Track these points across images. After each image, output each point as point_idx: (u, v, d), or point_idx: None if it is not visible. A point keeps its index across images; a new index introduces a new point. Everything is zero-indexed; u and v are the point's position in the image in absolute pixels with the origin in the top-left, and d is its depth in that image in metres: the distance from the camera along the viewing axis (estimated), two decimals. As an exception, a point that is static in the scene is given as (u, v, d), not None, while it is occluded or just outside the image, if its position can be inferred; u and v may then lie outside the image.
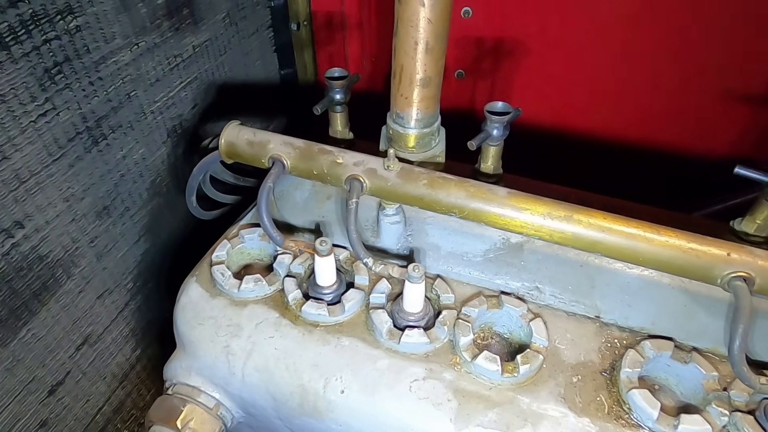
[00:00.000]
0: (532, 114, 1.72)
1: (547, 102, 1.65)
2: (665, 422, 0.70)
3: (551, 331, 0.83)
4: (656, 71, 1.43)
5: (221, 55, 1.39)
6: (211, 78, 1.38)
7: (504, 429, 0.72)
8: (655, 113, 1.51)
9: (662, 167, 1.54)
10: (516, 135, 1.69)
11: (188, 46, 1.23)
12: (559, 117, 1.65)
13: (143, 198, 1.18)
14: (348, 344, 0.81)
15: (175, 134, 1.23)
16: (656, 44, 1.34)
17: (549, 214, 0.77)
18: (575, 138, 1.67)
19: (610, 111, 1.58)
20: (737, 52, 1.27)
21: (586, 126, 1.63)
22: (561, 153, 1.67)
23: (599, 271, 0.86)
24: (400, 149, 0.90)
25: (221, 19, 1.35)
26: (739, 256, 0.71)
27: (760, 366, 0.78)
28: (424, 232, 0.92)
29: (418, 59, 0.79)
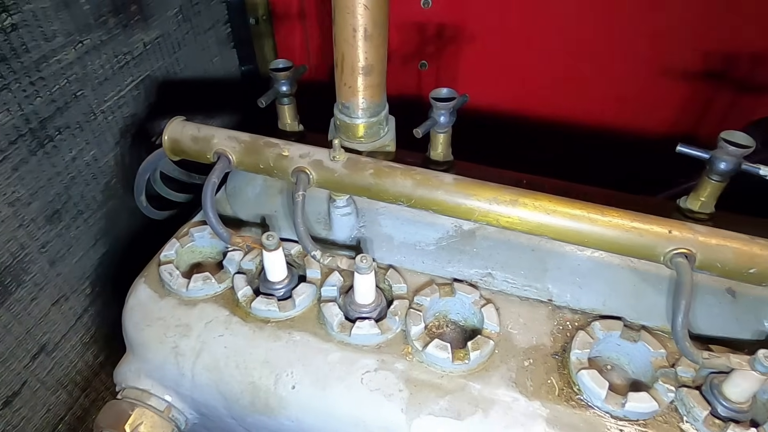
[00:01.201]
0: (495, 101, 1.73)
1: (509, 89, 1.65)
2: (613, 401, 0.71)
3: (504, 316, 0.83)
4: (604, 56, 1.45)
5: (175, 52, 1.36)
6: (166, 75, 1.35)
7: (455, 416, 0.72)
8: (612, 98, 1.53)
9: (620, 151, 1.57)
10: (480, 122, 1.72)
11: (138, 43, 1.20)
12: (520, 103, 1.66)
13: (98, 200, 1.15)
14: (299, 339, 0.80)
15: (129, 134, 1.20)
16: (599, 30, 1.36)
17: (495, 199, 0.76)
18: (538, 123, 1.68)
19: (567, 96, 1.59)
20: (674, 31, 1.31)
21: (547, 111, 1.64)
22: (524, 139, 1.68)
23: (550, 255, 0.86)
24: (349, 140, 0.89)
25: (173, 15, 1.32)
26: (680, 233, 0.71)
27: (707, 341, 0.79)
28: (376, 223, 0.91)
29: (358, 47, 0.77)
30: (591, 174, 1.19)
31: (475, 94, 1.71)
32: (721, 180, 0.78)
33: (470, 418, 0.72)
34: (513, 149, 1.74)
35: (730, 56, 1.38)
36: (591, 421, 0.71)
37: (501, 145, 1.76)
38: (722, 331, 0.79)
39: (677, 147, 0.78)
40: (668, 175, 1.16)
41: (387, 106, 0.89)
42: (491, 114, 1.77)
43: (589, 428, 0.70)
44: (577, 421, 0.71)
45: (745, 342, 0.79)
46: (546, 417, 0.71)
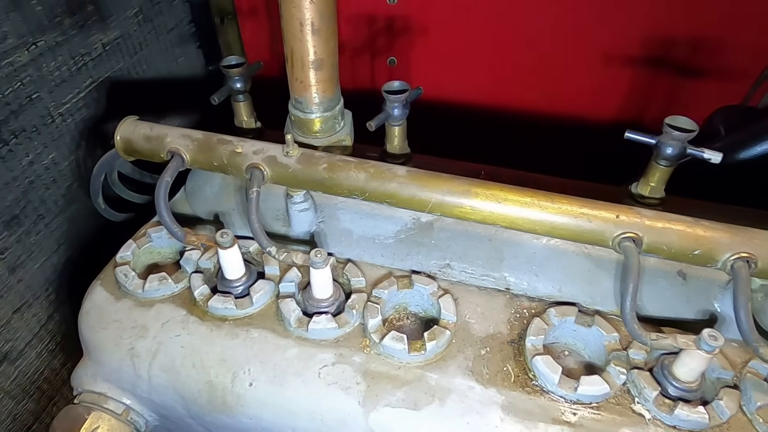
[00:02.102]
0: (465, 95, 1.74)
1: (478, 82, 1.66)
2: (566, 385, 0.71)
3: (462, 306, 0.84)
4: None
5: (137, 53, 1.34)
6: (128, 76, 1.34)
7: (411, 406, 0.72)
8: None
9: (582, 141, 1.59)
10: (452, 116, 1.73)
11: (97, 44, 1.19)
12: (489, 96, 1.67)
13: (59, 204, 1.13)
14: (257, 336, 0.80)
15: (91, 137, 1.18)
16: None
17: (448, 189, 0.77)
18: (506, 115, 1.69)
19: (537, 89, 1.61)
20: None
21: (516, 103, 1.66)
22: (496, 131, 1.69)
23: (507, 244, 0.86)
24: (304, 135, 0.89)
25: (132, 15, 1.30)
26: (627, 217, 0.72)
27: (660, 323, 0.80)
28: (335, 217, 0.91)
29: (306, 41, 0.77)
30: (573, 165, 1.20)
31: (446, 88, 1.75)
32: (668, 165, 0.80)
33: (427, 407, 0.72)
34: (487, 141, 1.77)
35: (671, 42, 1.42)
36: (545, 405, 0.72)
37: (476, 138, 1.79)
38: (674, 313, 0.80)
39: (625, 133, 0.80)
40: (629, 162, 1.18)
41: (342, 100, 0.89)
42: (462, 108, 1.78)
43: (543, 413, 0.71)
44: (532, 406, 0.72)
45: (696, 323, 0.80)
46: (501, 403, 0.72)
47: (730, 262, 0.69)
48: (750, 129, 1.42)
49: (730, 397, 0.70)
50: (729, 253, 0.69)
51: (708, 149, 0.76)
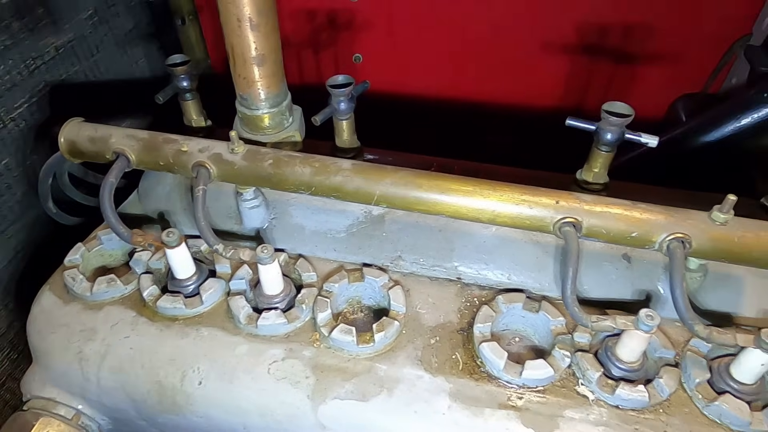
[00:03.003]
0: (430, 90, 1.75)
1: (442, 76, 1.68)
2: (512, 370, 0.72)
3: (414, 297, 0.84)
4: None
5: (93, 55, 1.33)
6: (85, 79, 1.32)
7: (360, 398, 0.73)
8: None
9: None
10: (415, 110, 1.75)
11: (49, 48, 1.17)
12: (452, 90, 1.69)
13: (15, 211, 1.11)
14: (207, 334, 0.79)
15: (46, 141, 1.16)
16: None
17: (392, 182, 0.77)
18: (471, 108, 1.71)
19: (505, 81, 1.63)
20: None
21: (479, 96, 1.67)
22: (453, 123, 1.71)
23: (457, 234, 0.87)
24: (252, 132, 0.89)
25: (86, 18, 1.29)
26: (566, 202, 0.73)
27: (605, 306, 0.81)
28: (287, 214, 0.91)
29: (245, 37, 0.77)
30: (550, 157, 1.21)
31: (412, 82, 1.76)
32: (609, 150, 0.81)
33: (375, 398, 0.72)
34: (452, 134, 1.78)
35: (605, 29, 1.48)
36: (492, 391, 0.73)
37: (441, 132, 1.80)
38: (620, 296, 0.82)
39: (566, 120, 0.81)
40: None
41: (289, 96, 0.89)
42: (430, 100, 1.79)
43: (489, 398, 0.72)
44: (479, 392, 0.73)
45: (641, 304, 0.81)
46: (449, 391, 0.73)
47: (666, 243, 0.70)
48: (708, 114, 1.45)
49: (669, 375, 0.71)
50: (665, 234, 0.70)
51: (645, 134, 0.77)
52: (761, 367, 0.68)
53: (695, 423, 0.69)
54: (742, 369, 0.69)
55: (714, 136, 1.41)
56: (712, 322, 0.80)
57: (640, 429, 0.69)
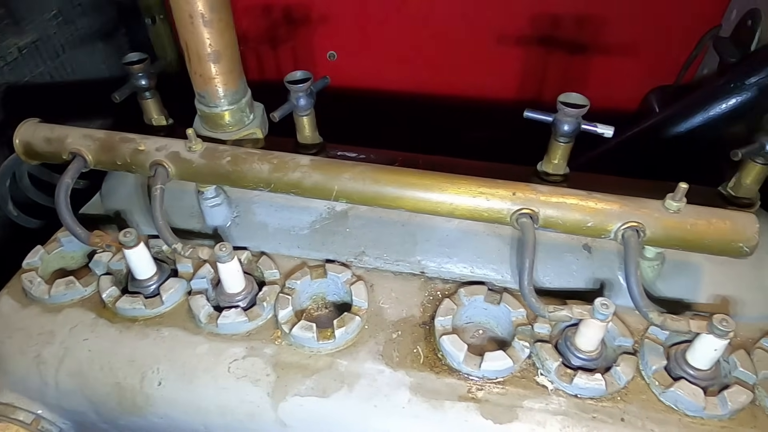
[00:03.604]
0: (405, 85, 1.75)
1: (414, 71, 1.68)
2: (472, 362, 0.72)
3: (377, 292, 0.84)
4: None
5: (59, 56, 1.31)
6: (50, 81, 1.30)
7: (320, 394, 0.72)
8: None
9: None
10: (394, 106, 1.75)
11: (12, 48, 1.15)
12: (425, 84, 1.69)
13: (-24, 217, 1.09)
14: (168, 334, 0.78)
15: (9, 143, 1.14)
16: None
17: (351, 177, 0.77)
18: (448, 102, 1.72)
19: (482, 75, 1.64)
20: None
21: (454, 91, 1.68)
22: (430, 118, 1.71)
23: (420, 228, 0.87)
24: (212, 130, 0.88)
25: (51, 18, 1.27)
26: (523, 194, 0.73)
27: (566, 296, 0.82)
28: (250, 211, 0.91)
29: (199, 33, 0.76)
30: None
31: (389, 78, 1.76)
32: (567, 141, 0.81)
33: (335, 394, 0.72)
34: (423, 130, 1.79)
35: (580, 21, 1.50)
36: (453, 384, 0.73)
37: (412, 125, 1.81)
38: (581, 286, 0.82)
39: (524, 113, 0.81)
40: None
41: (248, 92, 0.88)
42: (407, 96, 1.79)
43: (450, 391, 0.72)
44: (440, 385, 0.73)
45: (601, 294, 0.82)
46: (409, 385, 0.73)
47: (620, 232, 0.71)
48: (678, 106, 1.46)
49: (627, 363, 0.72)
50: (619, 223, 0.71)
51: (600, 124, 0.78)
52: (714, 352, 0.68)
53: (652, 409, 0.70)
54: (697, 355, 0.70)
55: (684, 126, 1.42)
56: (671, 309, 0.80)
57: (598, 417, 0.69)
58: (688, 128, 1.41)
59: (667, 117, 1.45)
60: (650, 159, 1.49)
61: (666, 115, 1.46)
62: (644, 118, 1.54)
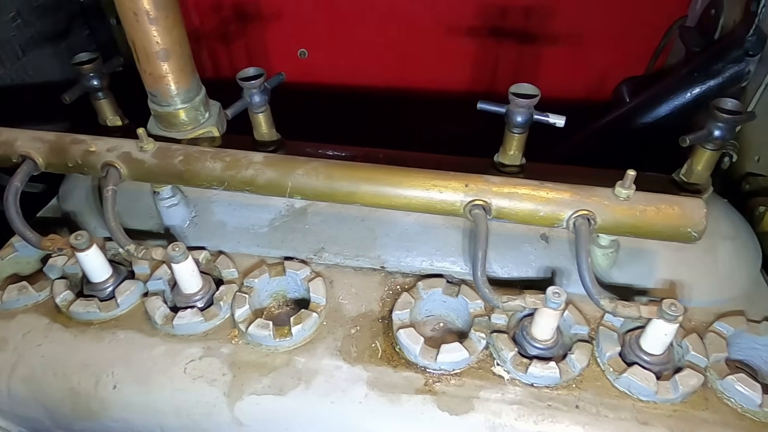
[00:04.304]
0: (379, 79, 1.75)
1: (387, 65, 1.68)
2: (428, 354, 0.72)
3: (337, 288, 0.84)
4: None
5: (19, 59, 1.28)
6: (11, 84, 1.28)
7: (277, 392, 0.72)
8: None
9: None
10: (362, 101, 1.74)
11: (-31, 52, 1.13)
12: (395, 79, 1.70)
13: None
14: (123, 337, 0.77)
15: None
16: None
17: (305, 173, 0.76)
18: (423, 97, 1.72)
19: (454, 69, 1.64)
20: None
21: (430, 85, 1.69)
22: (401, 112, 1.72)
23: (380, 223, 0.87)
24: (167, 129, 0.86)
25: (9, 20, 1.25)
26: (475, 185, 0.73)
27: (525, 286, 0.82)
28: (209, 211, 0.90)
29: (145, 31, 0.75)
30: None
31: (362, 74, 1.75)
32: (521, 132, 0.81)
33: (292, 391, 0.72)
34: (398, 125, 1.79)
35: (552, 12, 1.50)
36: (410, 377, 0.72)
37: (379, 119, 1.80)
38: (539, 275, 0.83)
39: (478, 104, 0.81)
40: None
41: (203, 90, 0.87)
42: (379, 90, 1.79)
43: (407, 384, 0.72)
44: (397, 379, 0.72)
45: (556, 283, 0.83)
46: (367, 380, 0.72)
47: (572, 221, 0.71)
48: (645, 95, 1.48)
49: (581, 350, 0.72)
50: (570, 212, 0.71)
51: (552, 114, 0.78)
52: (665, 337, 0.69)
53: (606, 396, 0.70)
54: (650, 340, 0.71)
55: (652, 115, 1.44)
56: (628, 296, 0.81)
57: (553, 405, 0.70)
58: (655, 117, 1.42)
59: (636, 106, 1.46)
60: (622, 148, 1.50)
61: (634, 104, 1.47)
62: (615, 108, 1.56)
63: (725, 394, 0.70)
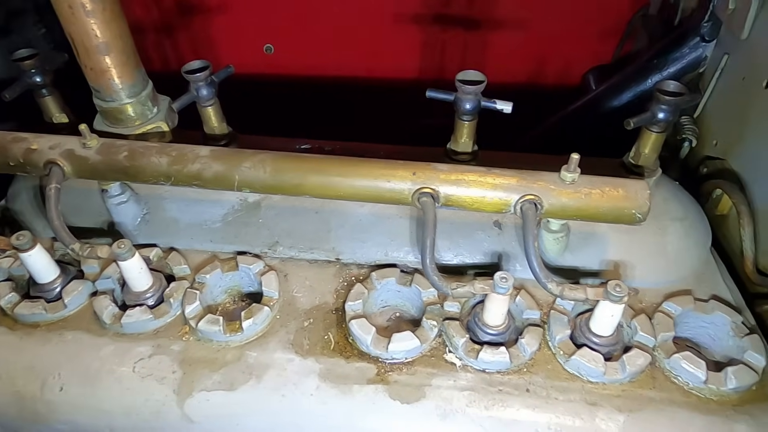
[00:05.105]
0: (342, 70, 1.74)
1: (351, 56, 1.68)
2: (380, 344, 0.72)
3: (291, 281, 0.83)
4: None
5: (-34, 59, 1.25)
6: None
7: (228, 387, 0.71)
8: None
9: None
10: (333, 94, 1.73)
11: None
12: (366, 71, 1.70)
13: None
14: (71, 338, 0.76)
15: None
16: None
17: (251, 165, 0.75)
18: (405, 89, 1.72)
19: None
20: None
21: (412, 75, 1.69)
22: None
23: (334, 215, 0.86)
24: (113, 125, 0.85)
25: (-48, 19, 1.21)
26: (423, 173, 0.73)
27: (480, 273, 0.82)
28: (161, 207, 0.88)
29: (82, 25, 0.73)
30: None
31: (325, 68, 1.74)
32: (470, 119, 0.81)
33: (243, 386, 0.71)
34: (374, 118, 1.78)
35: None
36: (362, 368, 0.72)
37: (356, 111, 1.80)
38: (493, 262, 0.83)
39: (426, 93, 0.81)
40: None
41: (149, 84, 0.86)
42: (340, 84, 1.79)
43: (359, 375, 0.72)
44: (349, 370, 0.72)
45: (509, 270, 0.83)
46: (319, 372, 0.72)
47: (519, 206, 0.71)
48: (611, 81, 1.49)
49: (531, 335, 0.73)
50: (517, 197, 0.72)
51: (499, 101, 0.78)
52: (612, 318, 0.70)
53: (557, 378, 0.71)
54: (598, 322, 0.71)
55: (616, 103, 1.46)
56: (579, 279, 0.82)
57: (504, 390, 0.70)
58: (620, 104, 1.44)
59: (600, 94, 1.48)
60: (589, 135, 1.52)
61: (599, 92, 1.49)
62: (582, 96, 1.57)
63: (672, 372, 0.71)
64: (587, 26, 1.64)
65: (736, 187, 0.98)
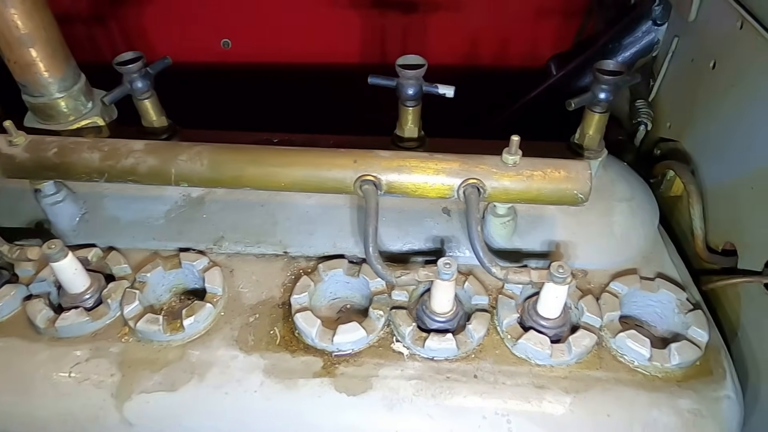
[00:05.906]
0: (298, 58, 1.71)
1: (313, 46, 1.65)
2: (325, 336, 0.71)
3: (237, 277, 0.81)
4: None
5: None
6: None
7: (168, 388, 0.69)
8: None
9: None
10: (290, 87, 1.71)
11: None
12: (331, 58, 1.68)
13: None
14: (3, 345, 0.72)
15: None
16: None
17: (188, 158, 0.73)
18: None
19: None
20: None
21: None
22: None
23: (279, 207, 0.84)
24: (45, 121, 0.81)
25: None
26: (364, 161, 0.72)
27: (429, 261, 0.81)
28: (100, 206, 0.85)
29: (1, 15, 0.70)
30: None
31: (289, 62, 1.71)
32: (413, 104, 0.80)
33: (184, 386, 0.69)
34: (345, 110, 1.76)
35: None
36: (308, 361, 0.71)
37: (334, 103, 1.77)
38: (441, 248, 0.82)
39: (368, 79, 0.79)
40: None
41: (82, 78, 0.83)
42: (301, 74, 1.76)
43: (305, 369, 0.70)
44: (295, 364, 0.71)
45: (459, 256, 0.82)
46: (263, 367, 0.70)
47: (461, 190, 0.71)
48: (569, 67, 1.50)
49: (478, 320, 0.72)
50: (460, 181, 0.71)
51: (441, 85, 0.77)
52: (557, 299, 0.69)
53: (505, 363, 0.70)
54: (544, 304, 0.71)
55: (574, 88, 1.46)
56: (528, 263, 0.82)
57: (451, 377, 0.69)
58: (578, 89, 1.45)
59: (559, 80, 1.49)
60: (551, 120, 1.52)
61: (558, 78, 1.50)
62: (542, 82, 1.58)
63: (618, 351, 0.71)
64: (549, 5, 1.64)
65: (685, 167, 0.99)
